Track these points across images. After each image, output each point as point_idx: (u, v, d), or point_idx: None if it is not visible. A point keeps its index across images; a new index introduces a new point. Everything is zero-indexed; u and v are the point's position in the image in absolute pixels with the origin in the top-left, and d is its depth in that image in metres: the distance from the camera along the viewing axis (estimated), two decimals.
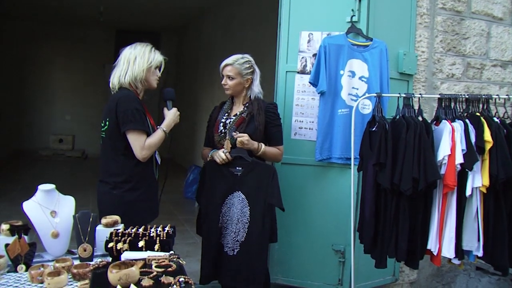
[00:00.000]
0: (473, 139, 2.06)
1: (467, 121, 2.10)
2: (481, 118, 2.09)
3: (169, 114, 2.27)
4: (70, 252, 1.83)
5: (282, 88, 2.84)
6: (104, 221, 1.84)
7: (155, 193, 2.30)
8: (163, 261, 1.50)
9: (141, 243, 1.66)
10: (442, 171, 2.05)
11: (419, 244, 2.12)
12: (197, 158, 7.19)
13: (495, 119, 2.14)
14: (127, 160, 2.13)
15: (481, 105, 2.21)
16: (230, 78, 2.43)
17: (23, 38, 9.68)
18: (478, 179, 2.03)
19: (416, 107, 2.24)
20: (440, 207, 2.10)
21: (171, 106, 2.32)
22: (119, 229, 1.79)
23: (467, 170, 2.02)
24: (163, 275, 1.39)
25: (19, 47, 9.64)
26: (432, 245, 2.11)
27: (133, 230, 1.76)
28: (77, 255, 1.72)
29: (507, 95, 2.31)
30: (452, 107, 2.19)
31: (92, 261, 1.69)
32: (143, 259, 1.50)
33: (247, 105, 2.47)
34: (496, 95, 2.23)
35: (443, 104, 2.20)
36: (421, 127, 2.06)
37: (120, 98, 2.12)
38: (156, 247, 1.66)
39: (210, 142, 2.53)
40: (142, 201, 2.17)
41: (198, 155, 2.61)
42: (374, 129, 2.21)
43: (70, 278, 1.50)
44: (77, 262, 1.62)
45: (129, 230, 1.78)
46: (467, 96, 2.21)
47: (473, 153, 2.02)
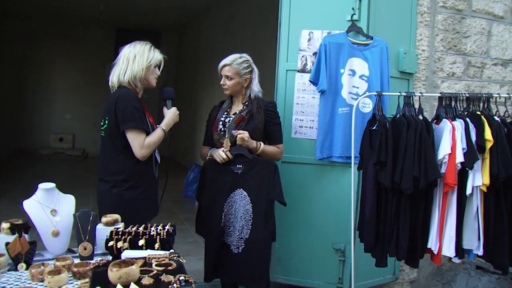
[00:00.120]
0: (473, 138, 2.05)
1: (467, 119, 2.10)
2: (482, 117, 2.09)
3: (169, 113, 2.27)
4: (70, 250, 1.83)
5: (283, 87, 2.84)
6: (104, 219, 1.84)
7: (155, 191, 2.29)
8: (163, 260, 1.50)
9: (141, 242, 1.66)
10: (443, 170, 2.05)
11: (419, 243, 2.12)
12: (197, 157, 7.19)
13: (495, 118, 2.14)
14: (127, 159, 2.12)
15: (481, 104, 2.21)
16: (229, 78, 2.43)
17: (23, 38, 9.68)
18: (479, 178, 2.03)
19: (416, 105, 2.24)
20: (441, 206, 2.09)
21: (170, 105, 2.32)
22: (119, 227, 1.80)
23: (467, 169, 2.02)
24: (163, 274, 1.39)
25: (19, 47, 9.65)
26: (432, 244, 2.11)
27: (133, 229, 1.77)
28: (78, 254, 1.73)
29: (507, 93, 2.31)
30: (453, 106, 2.19)
31: (93, 259, 1.69)
32: (143, 258, 1.51)
33: (246, 104, 2.46)
34: (497, 93, 2.23)
35: (443, 103, 2.19)
36: (422, 126, 2.06)
37: (119, 96, 2.11)
38: (156, 245, 1.66)
39: (209, 141, 2.53)
40: (142, 199, 2.17)
41: (198, 154, 2.61)
42: (374, 128, 2.21)
43: (71, 276, 1.51)
44: (77, 261, 1.62)
45: (129, 228, 1.78)
46: (467, 95, 2.21)
47: (473, 152, 2.02)
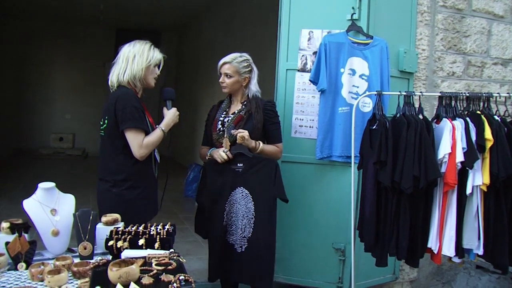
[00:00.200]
0: (473, 137, 2.05)
1: (467, 119, 2.10)
2: (482, 116, 2.09)
3: (169, 113, 2.27)
4: (70, 250, 1.83)
5: (283, 86, 2.84)
6: (104, 219, 1.84)
7: (154, 191, 2.29)
8: (163, 259, 1.50)
9: (141, 241, 1.66)
10: (443, 169, 2.05)
11: (419, 243, 2.12)
12: (197, 157, 7.18)
13: (495, 117, 2.14)
14: (126, 159, 2.12)
15: (481, 103, 2.21)
16: (228, 76, 2.43)
17: (23, 38, 9.68)
18: (479, 177, 2.03)
19: (416, 105, 2.24)
20: (441, 206, 2.09)
21: (170, 105, 2.31)
22: (119, 227, 1.80)
23: (467, 168, 2.02)
24: (163, 273, 1.39)
25: (19, 47, 9.65)
26: (432, 243, 2.11)
27: (133, 228, 1.77)
28: (77, 253, 1.73)
29: (507, 93, 2.31)
30: (453, 105, 2.19)
31: (92, 259, 1.69)
32: (143, 257, 1.51)
33: (245, 103, 2.46)
34: (497, 93, 2.23)
35: (443, 102, 2.19)
36: (422, 125, 2.06)
37: (119, 96, 2.11)
38: (156, 245, 1.66)
39: (208, 140, 2.53)
40: (142, 199, 2.17)
41: (198, 154, 2.61)
42: (374, 127, 2.21)
43: (70, 276, 1.51)
44: (77, 260, 1.62)
45: (129, 228, 1.78)
46: (467, 94, 2.21)
47: (473, 151, 2.02)
